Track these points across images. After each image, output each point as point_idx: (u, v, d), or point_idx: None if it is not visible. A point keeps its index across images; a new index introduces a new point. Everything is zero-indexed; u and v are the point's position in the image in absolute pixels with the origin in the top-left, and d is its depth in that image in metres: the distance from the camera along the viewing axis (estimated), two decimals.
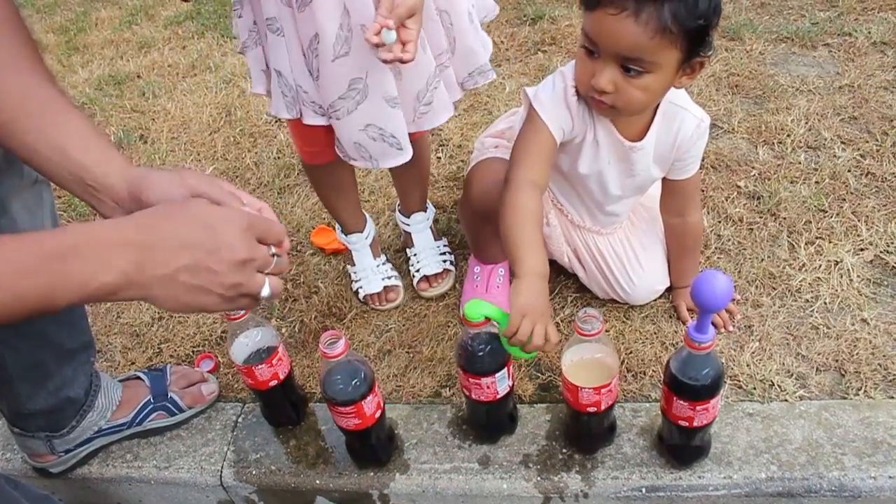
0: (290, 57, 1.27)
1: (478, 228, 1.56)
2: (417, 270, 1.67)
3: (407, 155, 1.35)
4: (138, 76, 2.82)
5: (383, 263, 1.71)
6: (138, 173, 0.89)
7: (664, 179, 1.43)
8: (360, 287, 1.68)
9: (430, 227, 1.74)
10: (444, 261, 1.70)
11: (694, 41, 1.12)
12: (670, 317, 1.51)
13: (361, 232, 1.70)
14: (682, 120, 1.32)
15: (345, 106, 1.27)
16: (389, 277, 1.68)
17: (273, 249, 0.83)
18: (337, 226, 1.74)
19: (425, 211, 1.74)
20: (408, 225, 1.73)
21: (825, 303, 1.49)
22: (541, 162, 1.33)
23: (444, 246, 1.75)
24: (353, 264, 1.72)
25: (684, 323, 1.49)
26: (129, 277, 0.74)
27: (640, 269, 1.49)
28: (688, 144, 1.34)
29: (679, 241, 1.51)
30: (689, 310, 1.50)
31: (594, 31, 1.14)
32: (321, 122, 1.32)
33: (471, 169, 1.51)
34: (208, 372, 1.54)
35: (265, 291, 0.82)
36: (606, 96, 1.17)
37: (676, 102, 1.32)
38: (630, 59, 1.13)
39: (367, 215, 1.74)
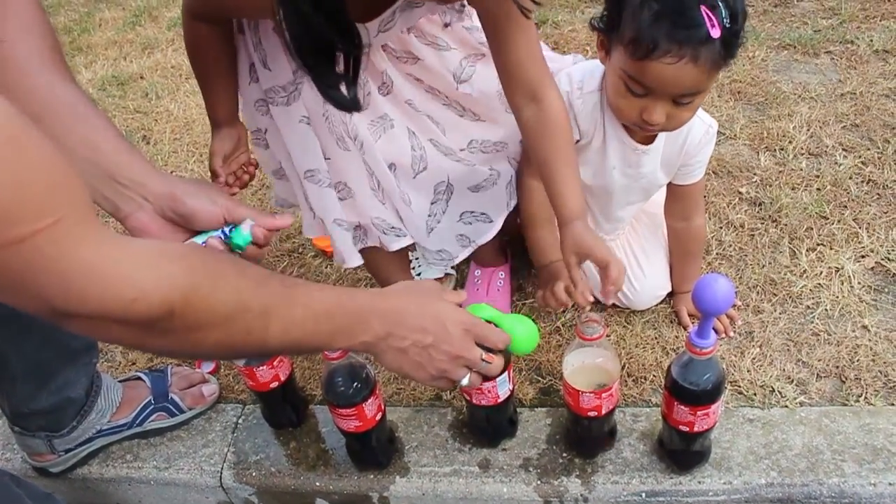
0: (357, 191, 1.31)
1: None
2: (418, 274, 1.67)
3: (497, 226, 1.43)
4: (141, 77, 2.82)
5: None
6: (172, 179, 0.98)
7: (669, 184, 1.43)
8: (419, 274, 1.66)
9: None
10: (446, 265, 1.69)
11: (734, 54, 1.14)
12: (671, 322, 1.52)
13: None
14: (692, 124, 1.32)
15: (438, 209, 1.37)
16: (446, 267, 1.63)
17: (484, 355, 1.02)
18: None
19: None
20: None
21: (826, 309, 1.49)
22: None
23: None
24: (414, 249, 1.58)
25: (685, 328, 1.49)
26: (377, 340, 0.94)
27: (642, 275, 1.49)
28: (695, 149, 1.34)
29: (682, 245, 1.51)
30: (690, 315, 1.50)
31: (651, 79, 1.14)
32: (406, 242, 1.38)
33: None
34: (209, 373, 1.54)
35: (464, 382, 1.02)
36: (658, 125, 1.19)
37: None
38: (685, 95, 1.15)
39: None
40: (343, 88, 1.09)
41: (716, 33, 1.07)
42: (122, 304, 0.70)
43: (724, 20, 1.08)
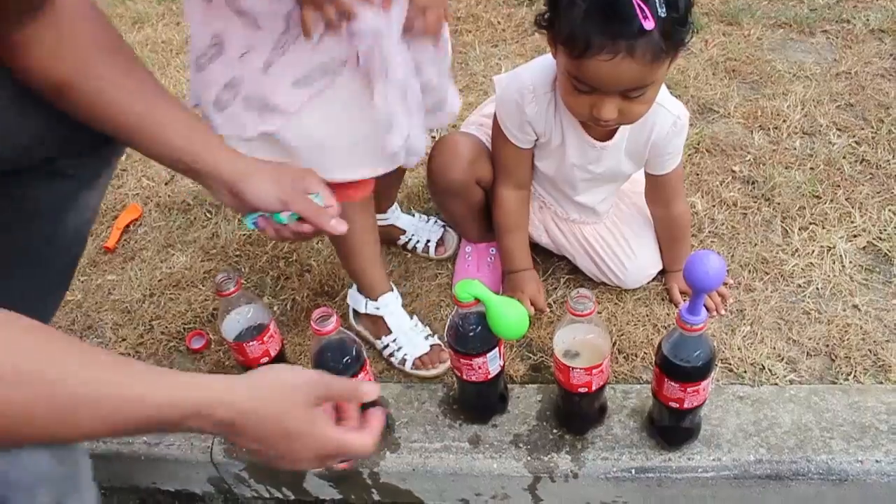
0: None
1: (451, 208, 1.55)
2: (413, 248, 1.66)
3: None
4: None
5: (416, 323, 1.49)
6: (242, 169, 1.04)
7: (647, 172, 1.42)
8: (406, 355, 1.42)
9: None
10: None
11: (680, 42, 1.11)
12: (662, 299, 1.52)
13: (392, 291, 1.47)
14: (658, 116, 1.29)
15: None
16: (430, 336, 1.47)
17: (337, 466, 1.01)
18: (356, 301, 1.47)
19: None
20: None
21: (817, 288, 1.49)
22: (518, 170, 1.43)
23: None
24: (387, 333, 1.45)
25: (676, 305, 1.50)
26: (217, 436, 0.93)
27: (633, 255, 1.49)
28: (664, 141, 1.32)
29: (666, 230, 1.51)
30: (681, 293, 1.50)
31: (590, 77, 1.12)
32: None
33: (433, 144, 1.49)
34: (198, 349, 1.54)
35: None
36: (612, 121, 1.17)
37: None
38: (631, 89, 1.12)
39: None
40: None
41: (649, 25, 1.03)
42: None
43: (659, 10, 1.04)
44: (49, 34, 0.94)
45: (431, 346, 1.43)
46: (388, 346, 1.44)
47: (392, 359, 1.44)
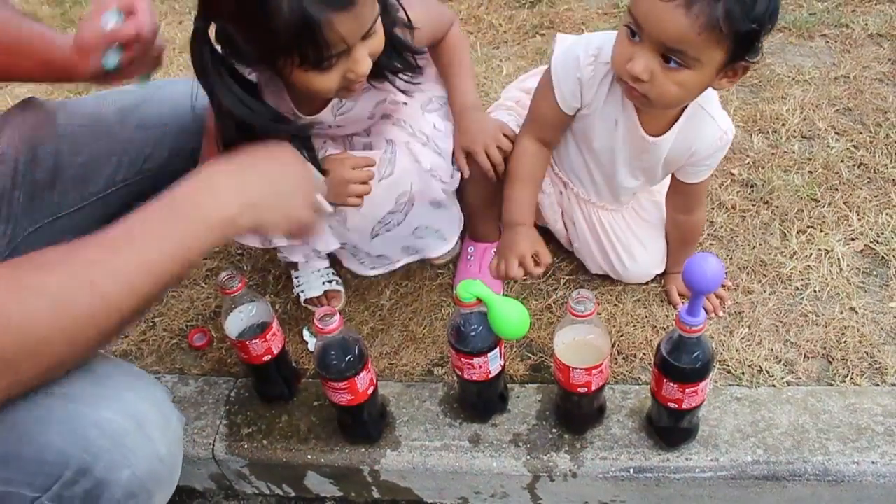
0: None
1: (467, 197, 1.54)
2: (302, 291, 1.63)
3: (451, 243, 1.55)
4: None
5: (326, 267, 1.63)
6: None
7: (673, 177, 1.42)
8: (302, 291, 1.60)
9: None
10: (329, 281, 1.63)
11: (742, 44, 1.08)
12: (661, 301, 1.53)
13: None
14: (707, 128, 1.28)
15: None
16: (331, 281, 1.62)
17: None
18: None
19: None
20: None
21: (815, 291, 1.50)
22: (548, 129, 1.40)
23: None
24: (296, 268, 1.63)
25: (675, 306, 1.51)
26: (242, 204, 0.91)
27: (642, 251, 1.50)
28: (705, 153, 1.31)
29: (680, 234, 1.52)
30: (680, 295, 1.52)
31: (641, 14, 1.09)
32: (335, 245, 1.45)
33: None
34: (200, 347, 1.55)
35: (323, 202, 1.07)
36: (640, 85, 1.13)
37: (705, 108, 1.28)
38: (672, 49, 1.08)
39: None
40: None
41: None
42: None
43: None
44: None
45: (326, 291, 1.60)
46: (293, 280, 1.64)
47: (294, 290, 1.63)
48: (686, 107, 1.27)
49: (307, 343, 1.53)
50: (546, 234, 1.64)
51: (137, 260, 0.83)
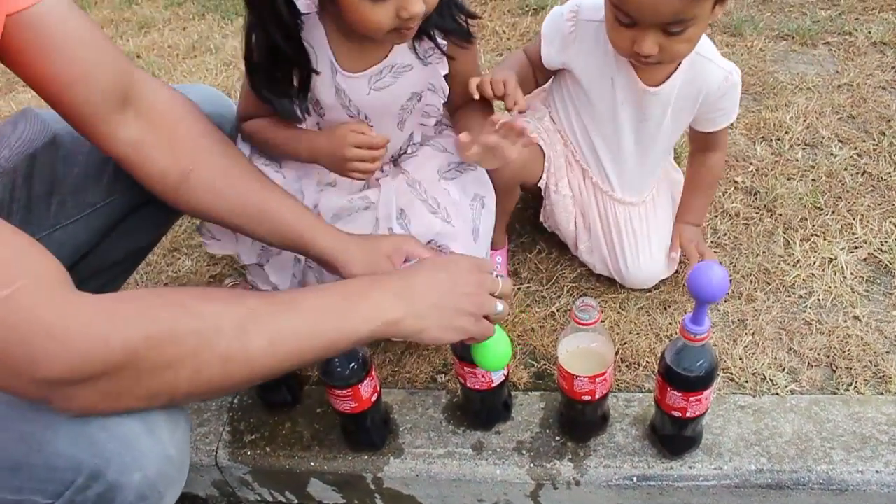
0: None
1: None
2: None
3: None
4: (138, 56, 2.81)
5: None
6: (337, 244, 1.17)
7: (693, 129, 1.44)
8: None
9: None
10: None
11: None
12: (665, 308, 1.53)
13: None
14: (708, 73, 1.31)
15: None
16: None
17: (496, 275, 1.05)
18: None
19: None
20: None
21: (818, 299, 1.50)
22: (537, 68, 1.44)
23: None
24: None
25: (688, 258, 1.53)
26: (404, 310, 0.93)
27: (649, 251, 1.50)
28: (715, 96, 1.34)
29: (695, 175, 1.54)
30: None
31: (631, 8, 1.12)
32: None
33: None
34: None
35: (499, 308, 1.02)
36: (652, 57, 1.18)
37: (703, 54, 1.31)
38: (671, 23, 1.12)
39: None
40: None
41: None
42: (84, 355, 0.73)
43: None
44: (158, 134, 1.09)
45: None
46: None
47: None
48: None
49: None
50: (552, 238, 1.65)
51: (291, 326, 0.86)
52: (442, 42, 1.26)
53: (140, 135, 1.07)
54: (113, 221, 1.25)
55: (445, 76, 1.31)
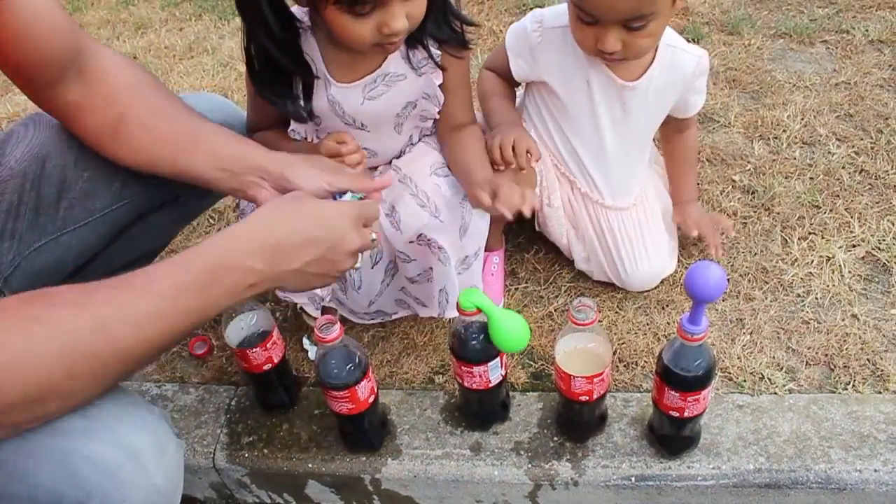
0: None
1: None
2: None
3: None
4: (135, 57, 2.80)
5: None
6: (284, 160, 1.13)
7: (668, 117, 1.48)
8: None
9: None
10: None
11: None
12: (663, 308, 1.53)
13: None
14: (682, 60, 1.36)
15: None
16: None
17: (374, 234, 1.03)
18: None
19: None
20: None
21: (816, 298, 1.50)
22: (506, 79, 1.48)
23: None
24: None
25: (687, 235, 1.57)
26: (266, 274, 0.92)
27: (646, 254, 1.50)
28: (691, 81, 1.39)
29: (676, 155, 1.58)
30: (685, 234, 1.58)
31: (591, 7, 1.16)
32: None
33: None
34: (200, 355, 1.55)
35: (358, 265, 1.02)
36: (616, 53, 1.21)
37: (672, 44, 1.36)
38: (632, 19, 1.16)
39: None
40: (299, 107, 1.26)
41: None
42: None
43: None
44: (98, 88, 1.11)
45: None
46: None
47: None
48: (657, 50, 1.35)
49: (308, 352, 1.53)
50: (548, 244, 1.65)
51: (151, 309, 0.84)
52: (436, 52, 1.26)
53: (80, 98, 1.10)
54: (121, 227, 1.25)
55: (439, 85, 1.31)
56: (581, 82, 1.37)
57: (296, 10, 1.19)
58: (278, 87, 1.23)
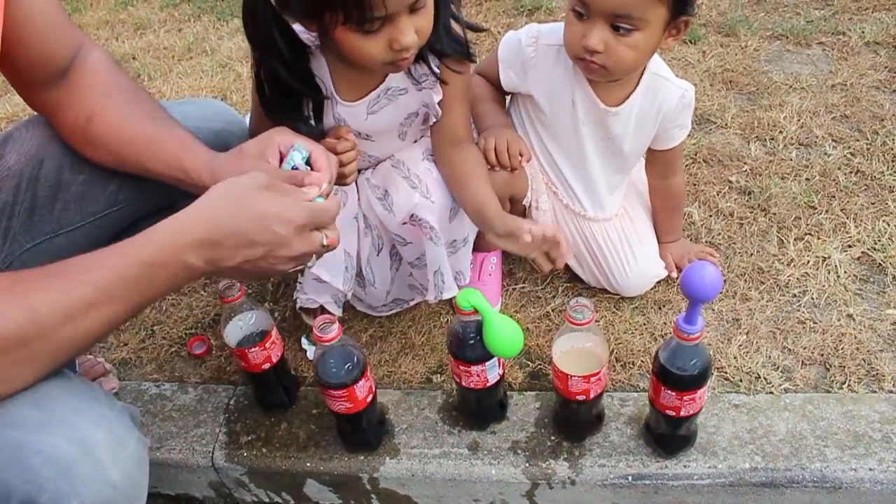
0: None
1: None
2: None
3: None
4: (133, 58, 2.80)
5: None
6: (216, 163, 1.11)
7: (650, 149, 1.47)
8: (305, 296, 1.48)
9: None
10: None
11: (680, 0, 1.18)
12: (659, 308, 1.53)
13: None
14: (665, 91, 1.36)
15: None
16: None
17: (325, 239, 0.99)
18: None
19: None
20: None
21: (812, 298, 1.51)
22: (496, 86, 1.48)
23: None
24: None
25: (670, 273, 1.56)
26: (204, 270, 0.92)
27: (635, 262, 1.50)
28: (673, 114, 1.39)
29: (661, 201, 1.56)
30: (677, 268, 1.57)
31: None
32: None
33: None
34: (199, 354, 1.56)
35: (309, 264, 1.01)
36: (597, 56, 1.22)
37: (659, 73, 1.37)
38: (620, 16, 1.17)
39: None
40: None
41: None
42: None
43: None
44: (76, 88, 1.13)
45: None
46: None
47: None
48: (641, 77, 1.35)
49: (306, 351, 1.53)
50: None
51: (85, 299, 0.84)
52: (436, 66, 1.26)
53: (59, 95, 1.12)
54: (116, 231, 1.24)
55: (439, 102, 1.31)
56: (567, 101, 1.38)
57: (301, 31, 1.19)
58: (290, 111, 1.23)
